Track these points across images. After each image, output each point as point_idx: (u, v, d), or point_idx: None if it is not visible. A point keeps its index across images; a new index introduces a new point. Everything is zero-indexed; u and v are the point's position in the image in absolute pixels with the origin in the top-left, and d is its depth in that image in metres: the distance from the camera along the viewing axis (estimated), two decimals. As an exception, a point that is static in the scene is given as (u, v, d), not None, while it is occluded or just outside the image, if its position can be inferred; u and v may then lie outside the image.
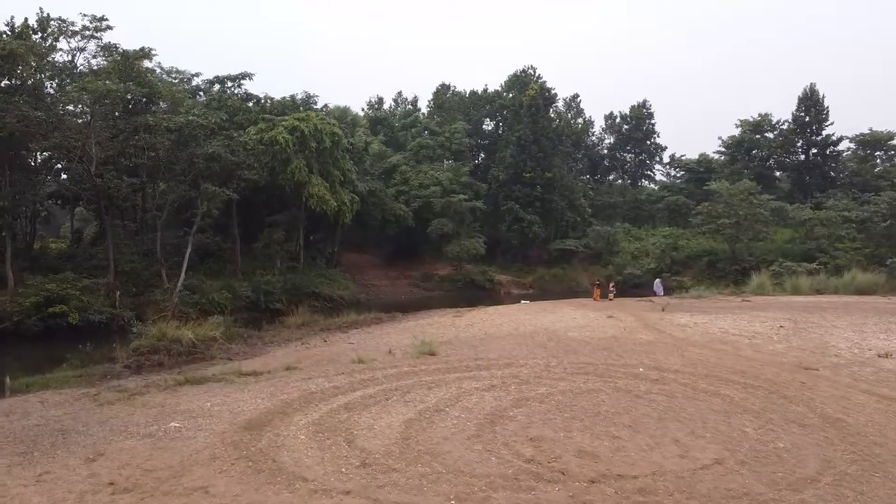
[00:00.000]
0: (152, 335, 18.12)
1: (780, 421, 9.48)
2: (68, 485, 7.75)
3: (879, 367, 13.00)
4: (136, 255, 29.12)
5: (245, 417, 10.33)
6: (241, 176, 28.37)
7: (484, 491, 6.96)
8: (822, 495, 6.79)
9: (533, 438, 8.73)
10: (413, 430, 9.28)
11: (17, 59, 22.05)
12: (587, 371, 13.15)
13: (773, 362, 13.87)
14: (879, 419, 9.50)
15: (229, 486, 7.38)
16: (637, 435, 8.88)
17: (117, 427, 10.26)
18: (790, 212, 46.42)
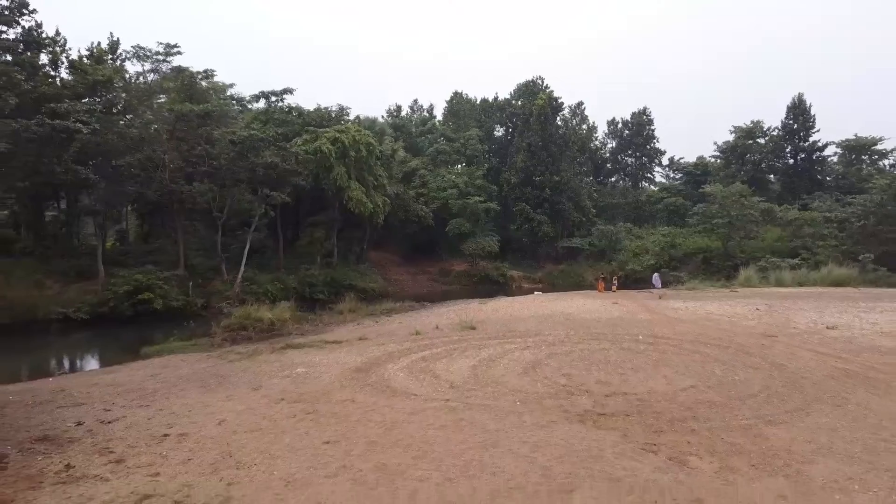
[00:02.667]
0: (240, 315, 21.67)
1: (741, 366, 12.97)
2: (252, 401, 11.32)
3: (825, 335, 16.47)
4: (200, 250, 32.71)
5: (350, 366, 13.90)
6: (291, 182, 31.95)
7: (537, 400, 10.50)
8: (758, 402, 10.28)
9: (564, 374, 12.28)
10: (478, 370, 12.84)
11: (111, 83, 25.66)
12: (598, 338, 16.69)
13: (744, 332, 17.35)
14: (810, 365, 12.96)
15: (367, 398, 10.94)
16: (637, 373, 12.40)
17: (257, 373, 13.84)
18: (778, 212, 49.64)
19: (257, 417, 10.03)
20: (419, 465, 7.48)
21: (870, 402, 10.19)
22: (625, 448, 7.97)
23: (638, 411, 9.73)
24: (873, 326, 17.72)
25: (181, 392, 12.25)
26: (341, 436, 8.76)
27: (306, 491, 6.80)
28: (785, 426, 8.93)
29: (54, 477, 7.80)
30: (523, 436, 8.50)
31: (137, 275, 26.81)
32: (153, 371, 14.74)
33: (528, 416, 9.51)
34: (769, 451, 7.85)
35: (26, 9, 28.36)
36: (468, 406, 10.16)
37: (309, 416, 9.97)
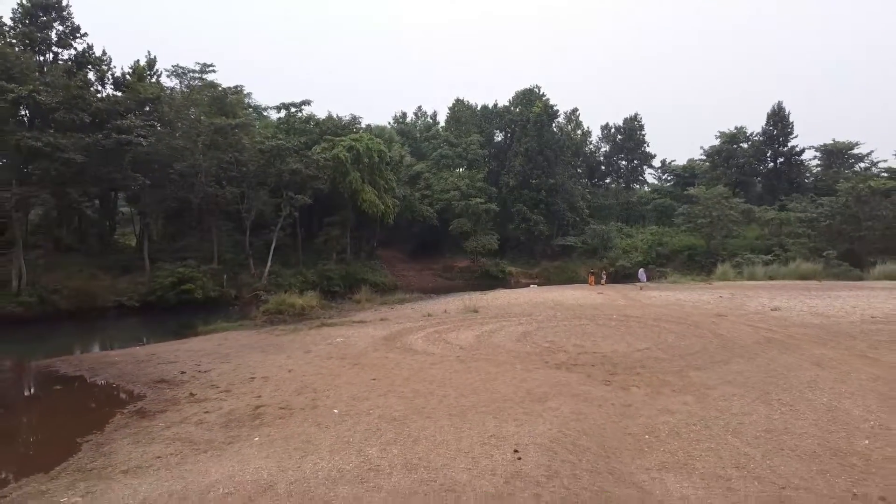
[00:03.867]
0: (276, 302, 24.81)
1: (689, 335, 16.10)
2: (307, 359, 14.46)
3: (766, 315, 19.60)
4: (228, 247, 35.85)
5: (379, 337, 17.06)
6: (312, 185, 35.07)
7: (526, 356, 13.64)
8: (693, 357, 13.36)
9: (548, 341, 15.43)
10: (481, 338, 16.00)
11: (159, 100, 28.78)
12: (580, 317, 19.84)
13: (701, 313, 20.48)
14: (744, 335, 16.06)
15: (396, 356, 14.09)
16: (605, 340, 15.54)
17: (304, 342, 16.99)
18: (757, 213, 52.80)
19: (316, 367, 13.19)
20: (441, 389, 10.63)
21: (777, 357, 13.28)
22: (586, 381, 11.10)
23: (601, 363, 12.86)
24: (810, 308, 20.83)
25: (249, 354, 15.42)
26: (383, 376, 11.93)
27: (367, 403, 9.95)
28: (706, 371, 12.03)
29: (185, 399, 10.99)
30: (514, 375, 11.66)
31: (180, 268, 29.96)
32: (218, 342, 17.89)
33: (519, 364, 12.66)
34: (688, 384, 10.96)
35: (78, 32, 31.48)
36: (474, 359, 13.32)
37: (355, 366, 13.13)
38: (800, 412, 8.76)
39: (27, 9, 30.92)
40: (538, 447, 7.37)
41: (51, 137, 23.39)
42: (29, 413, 12.11)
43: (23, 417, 11.67)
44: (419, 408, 9.45)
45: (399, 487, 6.18)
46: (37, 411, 12.11)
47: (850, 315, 19.23)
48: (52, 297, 25.87)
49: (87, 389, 12.92)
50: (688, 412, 8.99)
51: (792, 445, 7.36)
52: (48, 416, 11.34)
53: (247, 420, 9.24)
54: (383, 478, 6.47)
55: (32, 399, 13.52)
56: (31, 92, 22.88)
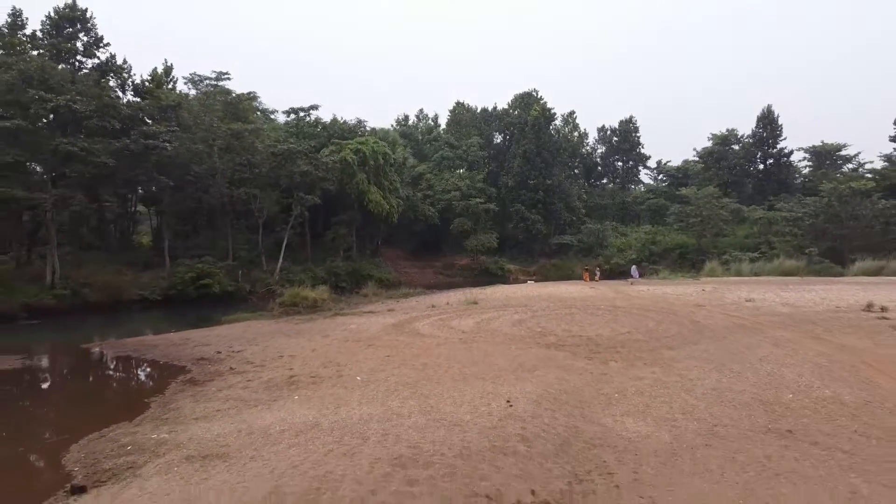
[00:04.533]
0: (290, 295, 26.47)
1: (667, 322, 17.77)
2: (326, 341, 16.14)
3: (741, 305, 21.27)
4: (242, 244, 37.54)
5: (389, 324, 18.75)
6: (321, 186, 36.75)
7: (520, 338, 15.33)
8: (668, 340, 15.03)
9: (541, 326, 17.11)
10: (480, 324, 17.69)
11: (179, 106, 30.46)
12: (570, 307, 21.53)
13: (682, 304, 22.16)
14: (717, 321, 17.72)
15: (406, 338, 15.78)
16: (592, 326, 17.22)
17: (322, 328, 18.68)
18: (746, 212, 54.43)
19: (336, 348, 14.88)
20: (446, 363, 12.32)
21: (741, 339, 14.95)
22: (571, 357, 12.78)
23: (586, 343, 14.54)
24: (782, 300, 22.49)
25: (273, 338, 17.12)
26: (395, 353, 13.62)
27: (384, 373, 11.63)
28: (677, 350, 13.70)
29: (227, 371, 12.69)
30: (509, 352, 13.35)
31: (199, 264, 31.65)
32: (243, 329, 19.59)
33: (513, 345, 14.35)
34: (659, 359, 12.63)
35: (101, 42, 33.17)
36: (474, 341, 15.02)
37: (370, 346, 14.82)
38: (745, 377, 10.46)
39: (55, 21, 32.62)
40: (526, 400, 9.06)
41: (85, 143, 25.10)
42: (97, 383, 13.90)
43: (93, 386, 13.45)
44: (428, 376, 11.14)
45: (417, 424, 7.88)
46: (102, 382, 13.89)
47: (817, 306, 20.87)
48: (83, 290, 27.57)
49: (138, 365, 14.65)
50: (653, 378, 10.68)
51: (730, 399, 9.06)
52: (113, 385, 13.10)
53: (284, 385, 10.94)
54: (404, 419, 8.17)
55: (96, 373, 15.27)
56: (69, 101, 24.60)
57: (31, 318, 24.28)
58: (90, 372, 15.29)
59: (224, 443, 7.56)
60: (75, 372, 15.28)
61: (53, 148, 24.65)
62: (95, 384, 13.66)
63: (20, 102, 24.11)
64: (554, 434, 7.56)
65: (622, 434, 7.58)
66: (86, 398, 11.98)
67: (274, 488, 5.90)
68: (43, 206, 25.01)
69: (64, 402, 12.17)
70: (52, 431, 9.53)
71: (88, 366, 15.92)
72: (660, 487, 5.96)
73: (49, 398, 12.84)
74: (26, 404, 12.15)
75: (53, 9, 32.60)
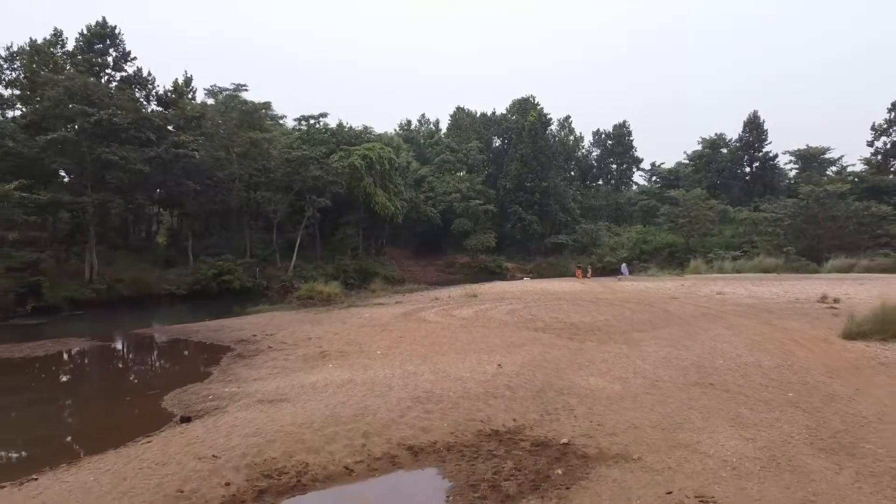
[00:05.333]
0: (307, 289, 28.80)
1: (642, 311, 20.06)
2: (345, 327, 18.43)
3: (711, 297, 23.56)
4: (259, 243, 39.87)
5: (398, 313, 21.05)
6: (331, 189, 39.06)
7: (513, 324, 17.63)
8: (640, 325, 17.32)
9: (531, 314, 19.41)
10: (479, 313, 19.99)
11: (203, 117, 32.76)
12: (559, 299, 23.83)
13: (658, 296, 24.45)
14: (687, 310, 20.01)
15: (414, 324, 18.06)
16: (576, 314, 19.51)
17: (339, 317, 20.98)
18: (732, 213, 56.71)
19: (355, 332, 17.19)
20: (450, 341, 14.62)
21: (703, 324, 17.21)
22: (555, 338, 15.07)
23: (568, 328, 16.83)
24: (750, 293, 24.77)
25: (298, 325, 19.43)
26: (406, 335, 15.92)
27: (399, 349, 13.92)
28: (645, 332, 15.98)
29: (266, 349, 15.00)
30: (502, 335, 15.64)
31: (220, 262, 33.96)
32: (269, 318, 21.92)
33: (507, 329, 16.66)
34: (628, 339, 14.91)
35: (129, 57, 35.50)
36: (473, 325, 17.33)
37: (384, 330, 17.13)
38: (692, 350, 12.76)
39: (87, 38, 34.92)
40: (513, 364, 11.37)
41: (124, 152, 27.44)
42: (161, 357, 16.33)
43: (159, 359, 15.85)
44: (435, 350, 13.45)
45: (429, 379, 10.20)
46: (165, 356, 16.31)
47: (779, 298, 23.13)
48: (117, 285, 29.86)
49: (189, 345, 16.98)
50: (619, 352, 12.97)
51: (674, 364, 11.36)
52: (175, 359, 15.47)
53: (318, 358, 13.25)
54: (419, 376, 10.48)
55: (157, 350, 17.65)
56: (110, 115, 26.90)
57: (75, 310, 26.58)
58: (151, 350, 17.71)
59: (283, 393, 9.88)
60: (139, 350, 17.85)
61: (96, 157, 26.99)
62: (160, 358, 16.15)
63: (65, 116, 26.46)
64: (532, 386, 9.87)
65: (585, 387, 9.88)
66: (157, 368, 14.43)
67: (331, 414, 8.22)
68: (85, 208, 27.34)
69: (141, 371, 14.68)
70: (143, 389, 11.87)
71: (148, 346, 18.30)
72: (605, 416, 8.26)
73: (128, 368, 15.41)
74: (113, 372, 14.65)
75: (86, 26, 34.98)
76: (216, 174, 33.59)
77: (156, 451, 7.01)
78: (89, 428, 9.27)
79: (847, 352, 11.96)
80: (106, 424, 9.21)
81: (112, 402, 10.82)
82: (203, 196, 34.18)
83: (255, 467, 6.42)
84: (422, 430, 7.66)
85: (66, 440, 8.71)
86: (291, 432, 7.50)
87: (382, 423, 7.90)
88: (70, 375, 14.82)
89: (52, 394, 12.05)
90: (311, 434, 7.44)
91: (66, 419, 10.45)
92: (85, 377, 14.84)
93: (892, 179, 53.94)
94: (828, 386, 9.43)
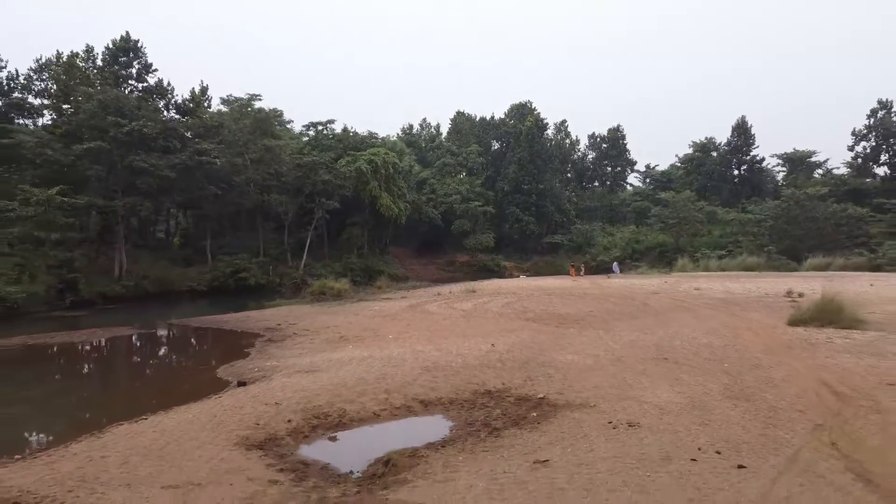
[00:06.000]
0: (318, 285, 30.86)
1: (624, 304, 22.12)
2: (358, 318, 20.49)
3: (689, 292, 25.63)
4: (270, 243, 42.01)
5: (404, 306, 23.13)
6: (339, 193, 41.18)
7: (507, 315, 19.72)
8: (618, 315, 19.39)
9: (524, 307, 21.49)
10: (477, 306, 22.09)
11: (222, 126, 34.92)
12: (550, 294, 25.92)
13: (641, 291, 26.53)
14: (663, 304, 22.06)
15: (419, 315, 20.16)
16: (563, 306, 21.60)
17: (352, 310, 23.06)
18: (720, 214, 58.80)
19: (367, 321, 19.27)
20: (451, 328, 16.71)
21: (675, 315, 19.29)
22: (543, 325, 17.16)
23: (555, 318, 18.91)
24: (725, 289, 26.85)
25: (316, 316, 21.52)
26: (413, 324, 18.01)
27: (407, 334, 16.01)
28: (623, 322, 18.05)
29: (292, 335, 17.09)
30: (497, 323, 17.73)
31: (237, 260, 36.09)
32: (287, 311, 24.00)
33: (501, 318, 18.75)
34: (606, 327, 16.97)
35: (150, 68, 37.64)
36: (472, 316, 19.43)
37: (393, 320, 19.22)
38: (657, 334, 14.85)
39: (112, 51, 37.02)
40: (504, 345, 13.47)
41: (152, 159, 29.60)
42: (201, 342, 18.50)
43: (200, 343, 18.00)
44: (439, 335, 15.54)
45: (434, 355, 12.30)
46: (205, 341, 18.48)
47: (750, 293, 25.22)
48: (143, 282, 31.98)
49: (223, 333, 19.11)
50: (595, 336, 15.05)
51: (639, 345, 13.44)
52: (215, 343, 17.60)
53: (339, 341, 15.35)
54: (426, 353, 12.58)
55: (195, 337, 19.79)
56: (141, 126, 29.04)
57: (107, 305, 28.68)
58: (191, 336, 19.89)
59: (317, 366, 11.98)
60: (182, 336, 20.12)
61: (127, 164, 29.11)
62: (202, 342, 18.36)
63: (99, 127, 28.59)
64: (519, 360, 11.96)
65: (562, 361, 11.97)
66: (202, 350, 16.57)
67: (359, 378, 10.32)
68: (115, 211, 29.47)
69: (189, 352, 16.86)
70: (196, 365, 14.00)
71: (186, 333, 20.44)
72: (575, 381, 10.34)
73: (177, 350, 17.67)
74: (166, 353, 16.87)
75: (112, 41, 37.14)
76: (233, 179, 35.71)
77: (230, 401, 9.11)
78: (167, 389, 11.42)
79: (786, 335, 14.05)
80: (179, 388, 11.32)
81: (175, 374, 12.96)
82: (221, 199, 36.28)
83: (307, 411, 8.52)
84: (430, 390, 9.76)
85: (152, 397, 10.81)
86: (330, 390, 9.61)
87: (399, 384, 10.01)
88: (130, 356, 17.08)
89: (123, 369, 14.26)
90: (346, 391, 9.55)
91: (146, 384, 12.66)
92: (143, 357, 17.10)
93: (871, 182, 56.02)
94: (758, 360, 11.52)
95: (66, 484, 6.10)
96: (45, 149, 28.93)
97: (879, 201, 48.98)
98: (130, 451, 6.90)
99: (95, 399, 11.42)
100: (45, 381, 12.87)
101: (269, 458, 6.79)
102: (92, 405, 10.80)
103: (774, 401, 8.27)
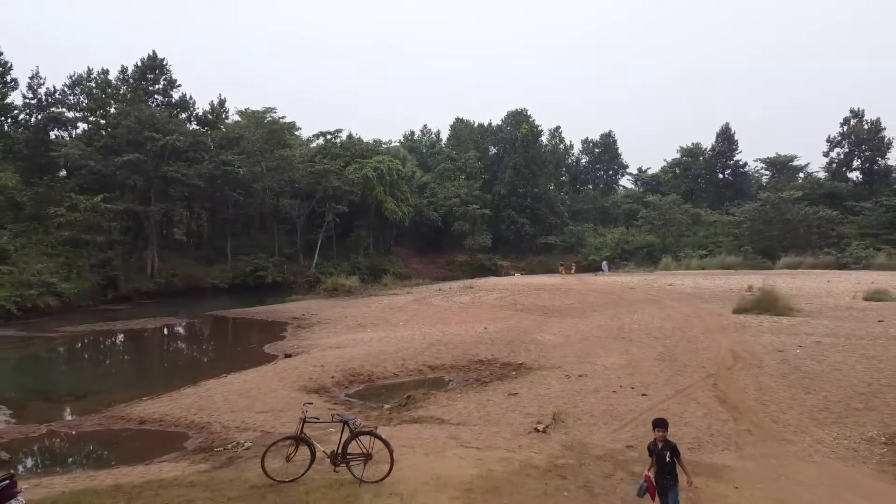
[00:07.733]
0: (331, 282, 33.57)
1: (603, 298, 24.83)
2: (370, 309, 23.22)
3: (662, 287, 28.37)
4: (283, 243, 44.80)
5: (410, 299, 25.88)
6: (347, 197, 43.98)
7: (501, 307, 22.48)
8: (596, 307, 22.11)
9: (515, 299, 24.23)
10: (473, 299, 24.84)
11: (242, 138, 37.72)
12: (539, 290, 28.66)
13: (620, 287, 29.26)
14: (638, 297, 24.74)
15: (423, 307, 22.91)
16: (550, 300, 24.32)
17: (364, 303, 25.80)
18: (703, 216, 61.58)
19: (379, 311, 22.02)
20: (451, 317, 19.46)
21: (643, 306, 21.97)
22: (529, 315, 19.89)
23: (541, 309, 21.64)
24: (695, 284, 29.58)
25: (332, 308, 24.26)
26: (419, 314, 20.76)
27: (414, 321, 18.76)
28: (598, 311, 20.77)
29: (318, 323, 19.85)
30: (490, 312, 20.48)
31: (255, 259, 38.87)
32: (307, 305, 26.74)
33: (494, 309, 21.50)
34: (583, 316, 19.71)
35: (175, 84, 40.48)
36: (469, 307, 22.20)
37: (400, 311, 21.97)
38: (622, 320, 17.60)
39: (140, 69, 39.76)
40: (495, 328, 16.24)
41: (183, 169, 32.39)
42: (240, 329, 21.35)
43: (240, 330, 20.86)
44: (441, 321, 18.31)
45: (438, 336, 15.07)
46: (243, 328, 21.33)
47: (716, 288, 27.92)
48: (173, 279, 34.72)
49: (256, 322, 21.88)
50: (572, 323, 17.82)
51: (605, 328, 16.20)
52: (252, 329, 20.40)
53: (357, 327, 18.11)
54: (431, 334, 15.35)
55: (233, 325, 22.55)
56: (174, 140, 31.81)
57: (142, 300, 31.41)
58: (229, 325, 22.66)
59: (343, 343, 14.74)
60: (220, 325, 22.91)
61: (161, 174, 31.88)
62: (241, 329, 21.17)
63: (137, 141, 31.35)
64: (506, 339, 14.73)
65: (541, 340, 14.73)
66: (244, 334, 19.41)
67: (380, 351, 13.09)
68: (150, 215, 32.23)
69: (233, 335, 19.66)
70: (244, 344, 16.78)
71: (224, 322, 23.22)
72: (548, 352, 13.09)
73: (222, 333, 20.46)
74: (213, 336, 19.81)
75: (140, 59, 39.91)
76: (252, 186, 38.45)
77: (284, 365, 11.89)
78: (227, 361, 14.20)
79: (727, 320, 16.80)
80: (236, 360, 14.10)
81: (231, 350, 15.75)
82: (241, 204, 39.00)
83: (345, 372, 11.29)
84: (436, 358, 12.53)
85: (222, 364, 13.54)
86: (359, 358, 12.38)
87: (411, 354, 12.78)
88: (188, 338, 20.03)
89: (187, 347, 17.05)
90: (371, 359, 12.32)
91: (211, 356, 15.46)
92: (198, 339, 19.98)
93: (845, 186, 58.77)
94: (696, 337, 14.27)
95: (190, 409, 8.88)
96: (87, 160, 31.69)
97: (851, 204, 51.78)
98: (227, 393, 9.67)
99: (180, 365, 14.27)
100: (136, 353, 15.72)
101: (324, 398, 9.56)
102: (180, 369, 13.61)
103: (688, 361, 11.04)
